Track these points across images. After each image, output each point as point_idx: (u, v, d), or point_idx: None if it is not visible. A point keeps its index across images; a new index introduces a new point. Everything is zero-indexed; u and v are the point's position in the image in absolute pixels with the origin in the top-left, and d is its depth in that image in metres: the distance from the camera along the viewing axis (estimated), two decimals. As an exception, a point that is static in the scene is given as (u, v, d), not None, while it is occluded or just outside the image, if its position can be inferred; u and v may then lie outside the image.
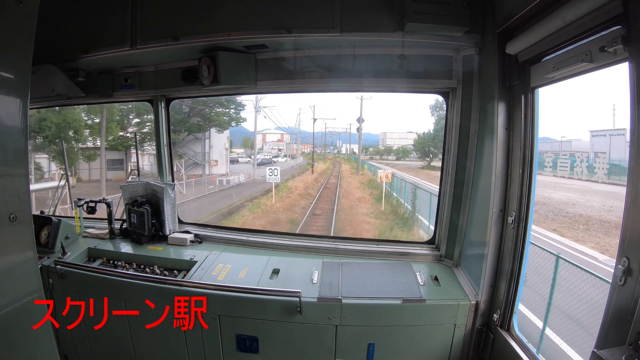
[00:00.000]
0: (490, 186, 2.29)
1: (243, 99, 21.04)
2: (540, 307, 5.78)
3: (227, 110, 20.48)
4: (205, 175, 19.24)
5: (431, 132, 24.15)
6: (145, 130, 17.74)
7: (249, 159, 26.57)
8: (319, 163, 27.70)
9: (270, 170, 16.23)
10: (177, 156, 18.96)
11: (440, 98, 2.93)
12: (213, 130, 20.60)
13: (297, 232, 12.83)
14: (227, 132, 21.94)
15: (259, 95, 21.01)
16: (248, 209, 14.49)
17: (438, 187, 3.00)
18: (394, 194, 15.85)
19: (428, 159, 24.97)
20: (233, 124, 21.78)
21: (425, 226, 11.61)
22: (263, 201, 15.43)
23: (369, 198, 16.35)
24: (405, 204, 13.91)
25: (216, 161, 20.75)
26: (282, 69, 2.91)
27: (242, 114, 21.59)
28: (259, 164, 23.46)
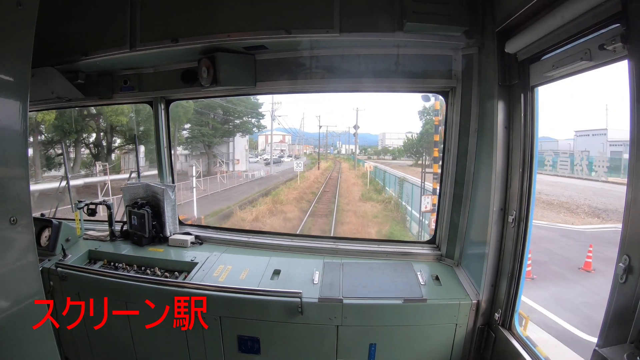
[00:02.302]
0: (490, 185, 2.29)
1: (262, 109, 26.75)
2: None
3: (251, 119, 26.77)
4: (231, 172, 24.88)
5: (418, 134, 29.92)
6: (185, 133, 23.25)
7: (257, 158, 33.43)
8: (321, 162, 35.00)
9: (297, 163, 26.78)
10: (213, 156, 24.69)
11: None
12: (237, 134, 26.57)
13: (299, 230, 13.79)
14: (247, 136, 28.41)
15: (275, 105, 27.78)
16: (285, 187, 22.43)
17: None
18: (377, 179, 24.45)
19: (415, 158, 30.88)
20: (255, 130, 28.59)
21: (388, 191, 20.05)
22: (292, 184, 23.63)
23: (360, 183, 24.59)
24: (381, 183, 22.66)
25: (238, 160, 26.50)
26: (282, 70, 2.91)
27: (262, 122, 27.89)
28: (267, 163, 30.92)
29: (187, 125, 22.75)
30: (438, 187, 2.99)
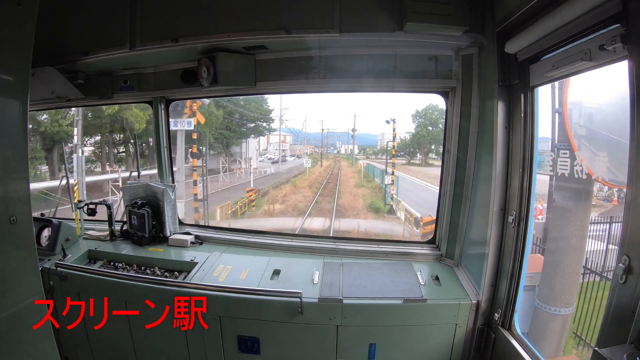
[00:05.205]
0: (490, 185, 2.29)
1: (271, 115, 31.37)
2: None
3: (263, 123, 31.56)
4: (245, 168, 29.09)
5: (410, 135, 34.36)
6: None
7: (261, 157, 37.46)
8: (322, 161, 40.10)
9: (306, 160, 32.46)
10: (230, 155, 28.97)
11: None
12: (251, 136, 31.43)
13: (298, 231, 14.46)
14: (258, 138, 33.58)
15: (283, 110, 31.29)
16: (298, 178, 28.28)
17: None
18: (369, 173, 30.46)
19: (408, 157, 35.82)
20: (266, 132, 34.25)
21: (375, 181, 26.48)
22: (301, 176, 29.31)
23: (356, 176, 30.45)
24: (371, 175, 29.07)
25: (250, 158, 30.77)
26: (282, 70, 2.91)
27: (271, 125, 32.89)
28: (274, 162, 35.74)
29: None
30: (438, 187, 2.99)
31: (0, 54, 1.22)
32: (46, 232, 3.07)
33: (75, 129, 14.45)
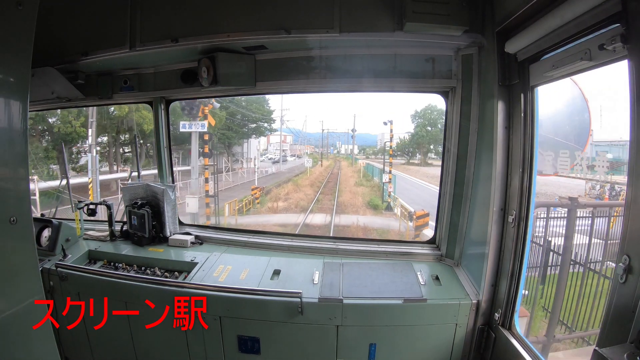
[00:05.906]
0: (490, 185, 2.29)
1: (273, 116, 32.85)
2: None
3: (264, 123, 33.07)
4: (246, 168, 30.58)
5: (409, 136, 36.00)
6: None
7: (262, 157, 38.59)
8: (322, 161, 41.43)
9: (307, 160, 33.70)
10: (232, 155, 30.24)
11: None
12: (252, 137, 32.95)
13: (298, 230, 14.63)
14: (259, 138, 35.12)
15: (284, 111, 32.11)
16: (299, 177, 29.53)
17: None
18: (368, 172, 31.70)
19: (407, 157, 37.47)
20: (268, 132, 35.67)
21: (374, 180, 27.18)
22: (302, 176, 30.45)
23: (356, 176, 31.73)
24: (370, 174, 30.19)
25: (252, 159, 32.07)
26: (282, 70, 2.91)
27: (272, 126, 34.43)
28: (275, 162, 37.24)
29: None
30: (438, 187, 2.99)
31: (0, 54, 1.22)
32: (46, 233, 3.07)
33: (90, 130, 15.20)
